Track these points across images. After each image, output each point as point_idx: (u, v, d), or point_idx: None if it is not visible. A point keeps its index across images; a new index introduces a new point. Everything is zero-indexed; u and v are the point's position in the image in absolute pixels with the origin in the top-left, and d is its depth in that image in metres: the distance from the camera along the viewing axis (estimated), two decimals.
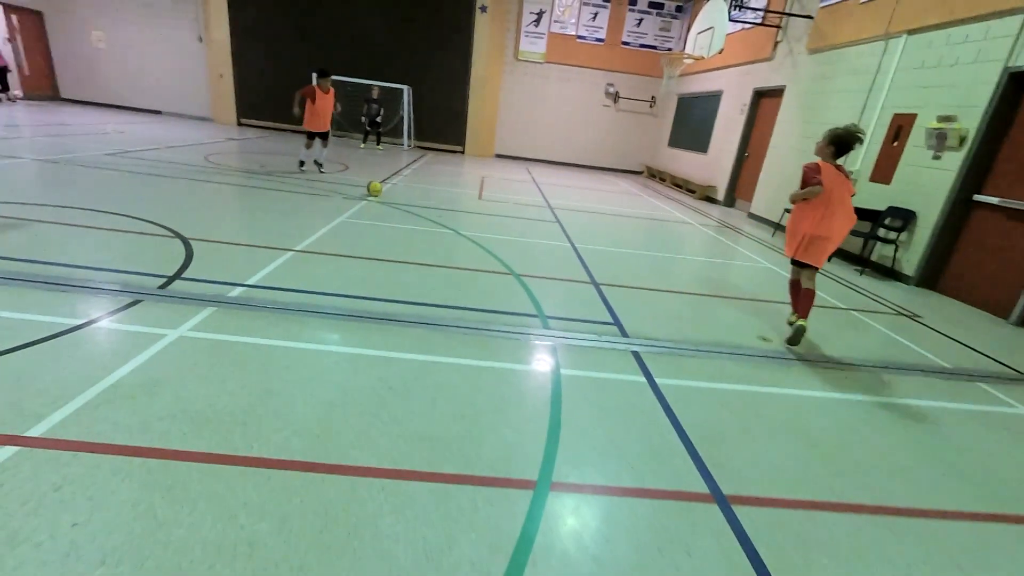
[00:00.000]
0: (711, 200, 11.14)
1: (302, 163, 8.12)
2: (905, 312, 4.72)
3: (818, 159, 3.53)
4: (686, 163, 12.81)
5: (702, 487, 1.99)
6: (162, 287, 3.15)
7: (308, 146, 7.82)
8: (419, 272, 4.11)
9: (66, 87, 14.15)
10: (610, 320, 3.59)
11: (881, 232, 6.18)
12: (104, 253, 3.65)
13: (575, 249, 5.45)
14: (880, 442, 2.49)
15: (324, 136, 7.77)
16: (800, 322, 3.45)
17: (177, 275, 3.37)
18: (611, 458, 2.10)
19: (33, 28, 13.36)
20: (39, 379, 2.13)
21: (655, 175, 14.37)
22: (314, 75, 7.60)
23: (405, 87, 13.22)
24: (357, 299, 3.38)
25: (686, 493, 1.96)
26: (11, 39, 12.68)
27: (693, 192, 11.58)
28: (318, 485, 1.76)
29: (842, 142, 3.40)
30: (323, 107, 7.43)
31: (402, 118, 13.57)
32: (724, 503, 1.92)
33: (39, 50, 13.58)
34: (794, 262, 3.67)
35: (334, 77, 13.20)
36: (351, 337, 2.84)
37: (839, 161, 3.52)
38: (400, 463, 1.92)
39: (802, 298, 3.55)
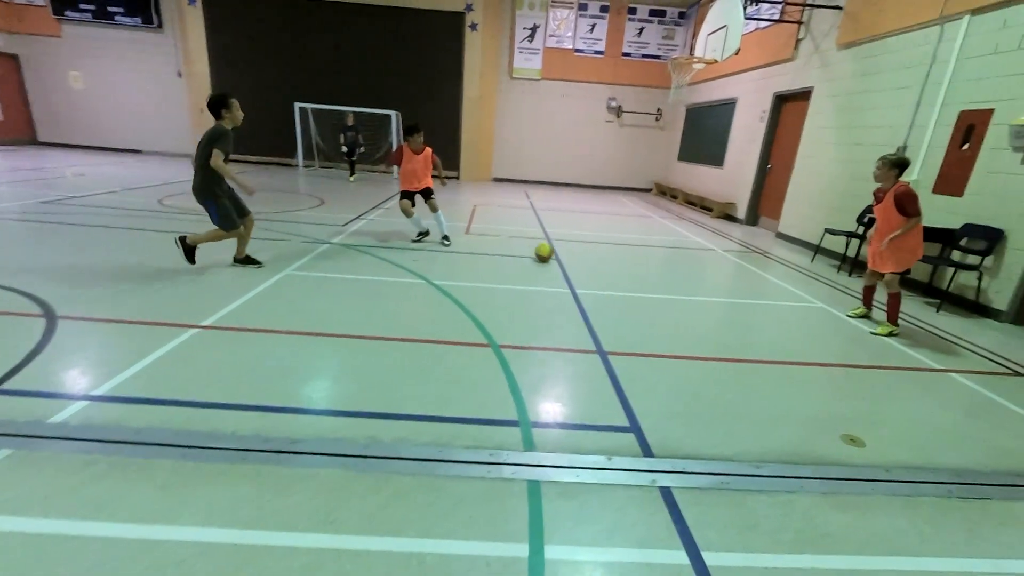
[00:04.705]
0: (731, 218, 10.01)
1: (421, 234, 6.09)
2: (1023, 369, 3.52)
3: (889, 184, 3.97)
4: (700, 178, 11.73)
5: None
6: None
7: (406, 212, 5.88)
8: (363, 352, 3.04)
9: (44, 131, 13.61)
10: (625, 423, 2.47)
11: (956, 256, 5.00)
12: None
13: (575, 297, 4.36)
14: None
15: (425, 195, 5.93)
16: (895, 329, 4.04)
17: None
18: None
19: (9, 72, 12.91)
20: None
21: (666, 192, 13.30)
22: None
23: (393, 112, 12.44)
24: (254, 412, 2.31)
25: None
26: None
27: (710, 210, 10.47)
28: None
29: (905, 164, 3.94)
30: (410, 170, 5.77)
31: (391, 145, 12.75)
32: None
33: (15, 94, 13.11)
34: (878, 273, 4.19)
35: (312, 106, 12.59)
36: (214, 501, 1.76)
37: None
38: None
39: (897, 303, 4.04)
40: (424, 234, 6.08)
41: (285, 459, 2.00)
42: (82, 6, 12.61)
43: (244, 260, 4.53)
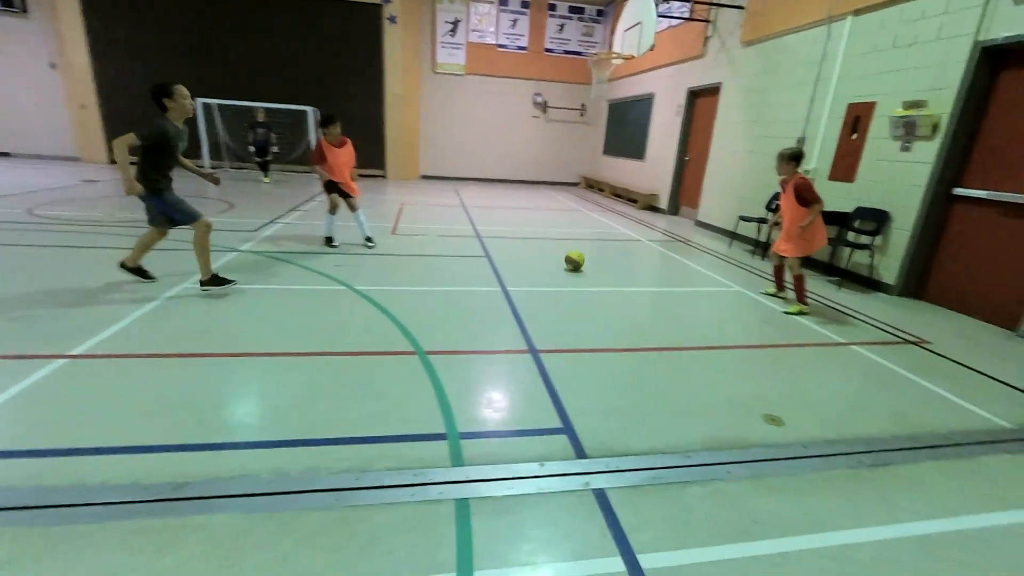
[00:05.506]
0: (655, 209, 10.40)
1: (328, 239, 5.70)
2: (910, 337, 3.87)
3: (789, 175, 4.25)
4: (624, 171, 12.10)
5: None
6: None
7: (335, 205, 5.60)
8: (271, 373, 2.74)
9: None
10: (558, 424, 2.39)
11: (851, 236, 5.45)
12: None
13: (507, 295, 4.26)
14: None
15: (343, 193, 5.60)
16: (805, 308, 4.27)
17: None
18: None
19: None
20: None
21: (593, 186, 13.60)
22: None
23: (309, 108, 11.70)
24: (132, 454, 1.98)
25: None
26: None
27: (635, 202, 10.81)
28: None
29: (800, 155, 4.20)
30: (336, 164, 5.41)
31: (309, 144, 11.99)
32: None
33: None
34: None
35: (218, 101, 11.53)
36: (73, 574, 1.45)
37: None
38: None
39: (801, 283, 4.29)
40: (329, 240, 5.66)
41: (169, 508, 1.71)
42: None
43: (135, 270, 3.97)
